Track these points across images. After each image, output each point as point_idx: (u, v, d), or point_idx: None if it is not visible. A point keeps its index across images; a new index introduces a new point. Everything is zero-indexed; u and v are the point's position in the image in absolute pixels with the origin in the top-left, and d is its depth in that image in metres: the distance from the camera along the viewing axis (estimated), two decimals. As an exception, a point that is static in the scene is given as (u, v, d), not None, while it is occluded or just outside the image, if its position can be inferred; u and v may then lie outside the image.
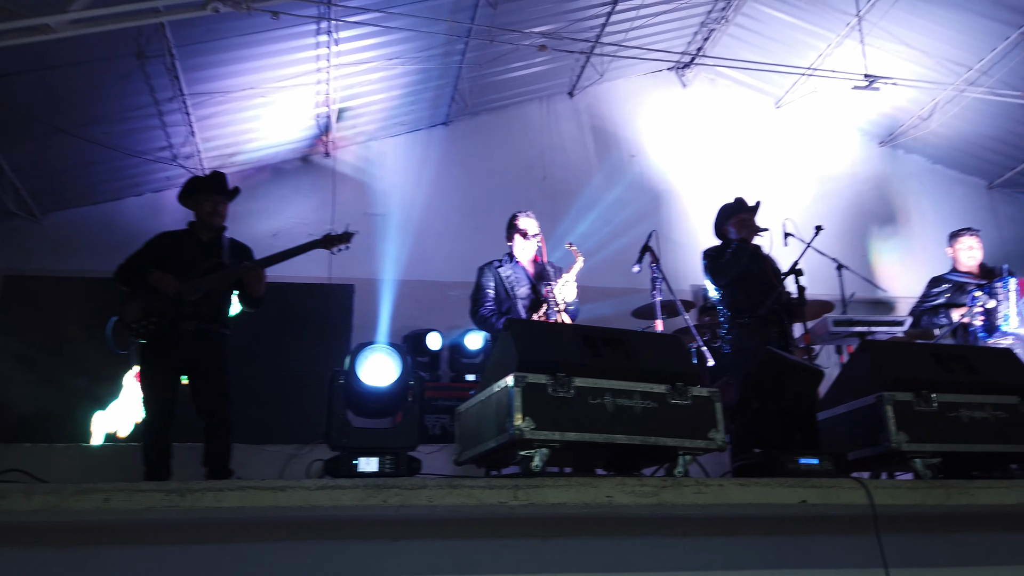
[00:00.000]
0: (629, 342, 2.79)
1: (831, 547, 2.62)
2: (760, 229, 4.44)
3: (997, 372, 3.07)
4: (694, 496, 2.39)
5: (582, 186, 8.16)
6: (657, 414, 2.62)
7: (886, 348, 3.22)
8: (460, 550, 2.45)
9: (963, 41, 7.19)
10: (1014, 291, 4.65)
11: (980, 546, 2.73)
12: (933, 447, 2.78)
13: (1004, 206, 8.86)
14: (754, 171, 8.33)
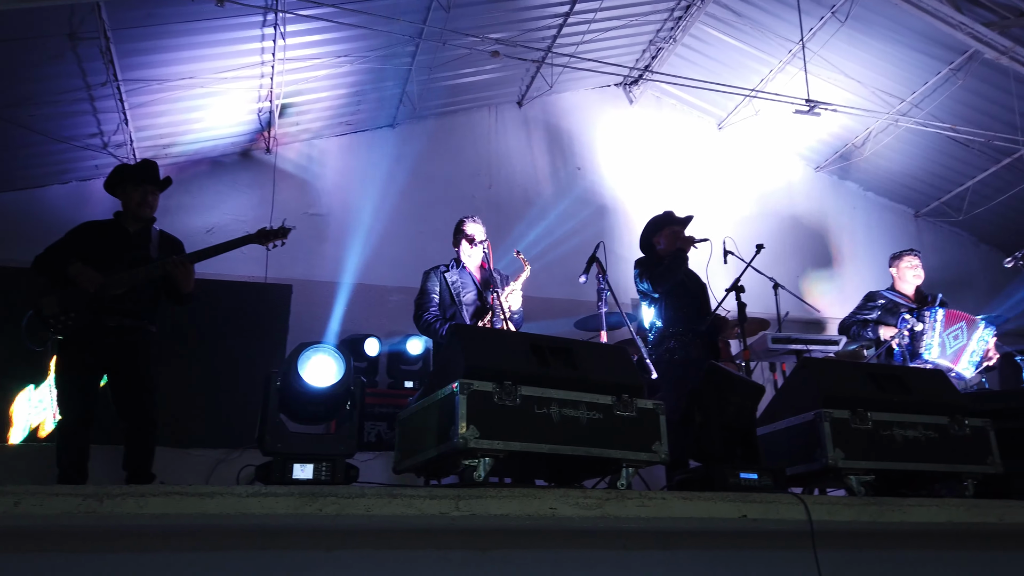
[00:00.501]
0: (576, 352, 2.76)
1: (768, 562, 2.63)
2: (697, 240, 4.48)
3: (929, 392, 3.16)
4: (637, 509, 2.36)
5: (528, 196, 8.17)
6: (602, 425, 2.59)
7: (825, 366, 3.28)
8: (396, 562, 2.36)
9: (897, 74, 7.49)
10: (940, 321, 4.81)
11: (911, 563, 2.79)
12: (868, 464, 2.83)
13: (928, 234, 9.25)
14: (696, 189, 8.49)
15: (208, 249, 3.82)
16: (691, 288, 4.60)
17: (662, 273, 4.44)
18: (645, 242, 4.78)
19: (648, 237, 4.77)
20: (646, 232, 4.79)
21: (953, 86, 7.21)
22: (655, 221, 4.78)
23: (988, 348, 4.83)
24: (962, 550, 2.88)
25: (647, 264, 4.59)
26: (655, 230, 4.74)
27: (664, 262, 4.50)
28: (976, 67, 6.90)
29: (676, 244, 4.57)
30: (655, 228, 4.75)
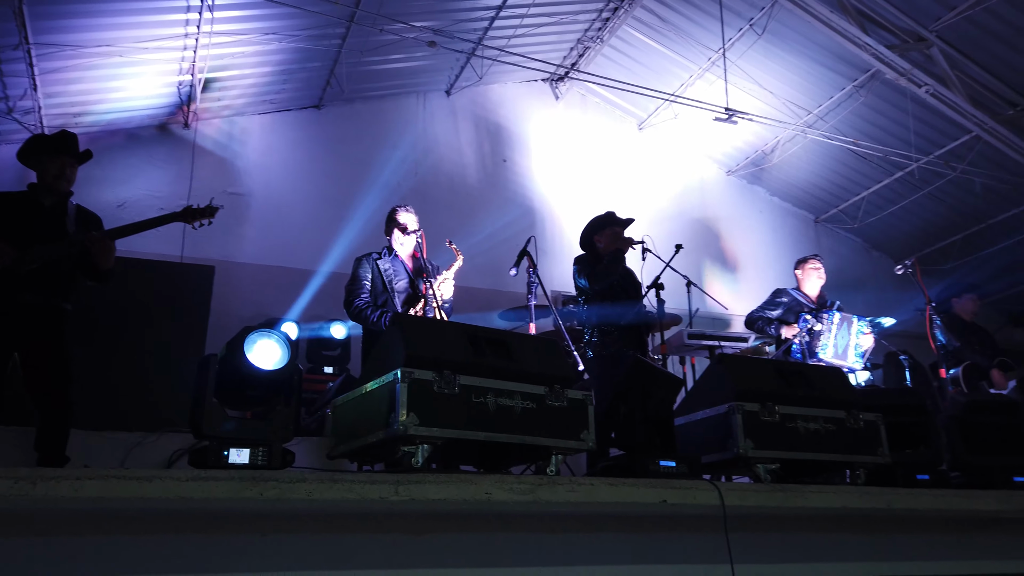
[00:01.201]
0: (512, 344, 2.86)
1: (685, 544, 2.82)
2: (633, 242, 4.67)
3: (829, 388, 3.42)
4: (567, 494, 2.49)
5: (454, 185, 8.21)
6: (535, 414, 2.70)
7: (738, 363, 3.49)
8: (332, 545, 2.41)
9: (806, 87, 7.94)
10: (836, 323, 5.18)
11: (810, 545, 3.05)
12: (774, 454, 3.06)
13: (827, 239, 9.85)
14: (616, 187, 8.75)
15: (129, 226, 3.71)
16: (626, 286, 4.78)
17: (600, 272, 4.60)
18: (586, 240, 4.92)
19: (589, 235, 4.92)
20: (587, 230, 4.93)
21: (856, 102, 7.71)
22: (597, 220, 4.93)
23: (864, 335, 5.22)
24: (854, 532, 3.16)
25: (586, 262, 4.74)
26: (596, 229, 4.88)
27: (603, 261, 4.66)
28: (877, 86, 7.40)
29: (615, 244, 4.74)
30: (597, 227, 4.90)
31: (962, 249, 9.29)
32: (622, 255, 4.61)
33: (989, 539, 3.40)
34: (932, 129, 7.76)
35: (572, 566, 2.70)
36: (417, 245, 4.38)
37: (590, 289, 4.52)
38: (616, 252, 4.58)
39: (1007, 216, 8.62)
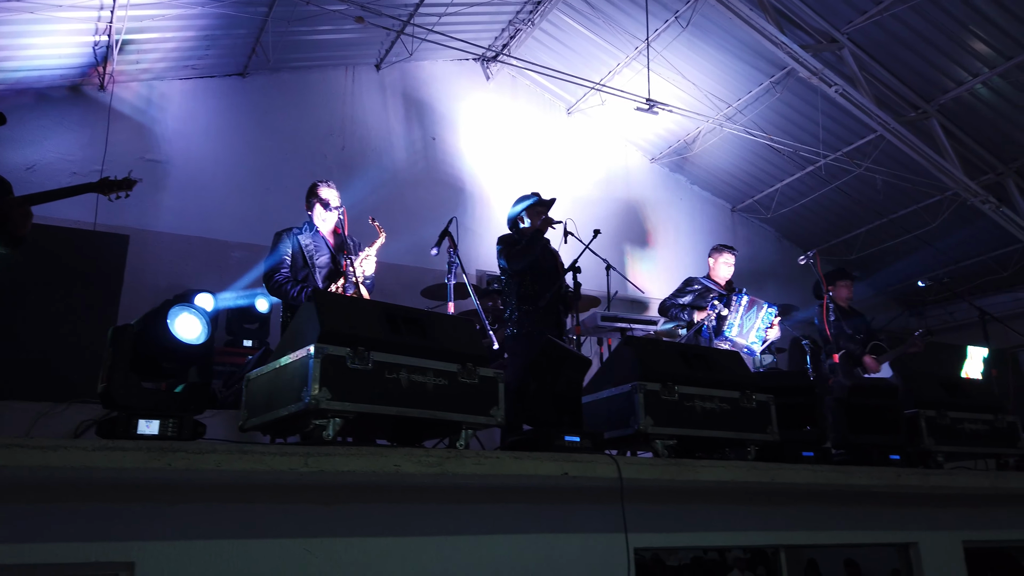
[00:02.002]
0: (427, 322, 2.95)
1: (585, 514, 2.99)
2: (555, 222, 4.80)
3: (727, 371, 3.64)
4: (474, 467, 2.61)
5: (382, 160, 8.18)
6: (447, 391, 2.81)
7: (643, 344, 3.67)
8: (243, 515, 2.46)
9: (727, 81, 8.23)
10: (743, 306, 5.49)
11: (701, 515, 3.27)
12: (672, 431, 3.26)
13: (742, 228, 10.27)
14: (544, 170, 8.89)
15: (44, 193, 3.62)
16: (546, 267, 4.90)
17: (519, 251, 4.72)
18: (511, 219, 5.03)
19: (515, 214, 5.03)
20: (513, 209, 5.05)
21: (772, 98, 8.05)
22: (522, 199, 5.05)
23: (771, 324, 5.55)
24: (742, 504, 3.40)
25: (508, 242, 4.85)
26: (521, 208, 5.00)
27: (522, 241, 4.78)
28: (792, 83, 7.74)
29: (537, 224, 4.86)
30: (521, 207, 5.01)
31: (865, 241, 9.84)
32: (540, 235, 4.73)
33: (863, 511, 3.72)
34: (840, 127, 8.17)
35: (478, 535, 2.84)
36: (339, 221, 4.40)
37: (510, 269, 4.63)
38: (536, 233, 4.70)
39: (907, 212, 9.17)
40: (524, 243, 4.66)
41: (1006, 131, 7.86)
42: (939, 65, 7.37)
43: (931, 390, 4.18)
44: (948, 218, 8.67)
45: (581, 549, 2.95)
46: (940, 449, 4.00)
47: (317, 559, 2.54)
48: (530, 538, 2.91)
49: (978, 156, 8.18)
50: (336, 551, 2.57)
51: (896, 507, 3.76)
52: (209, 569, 2.38)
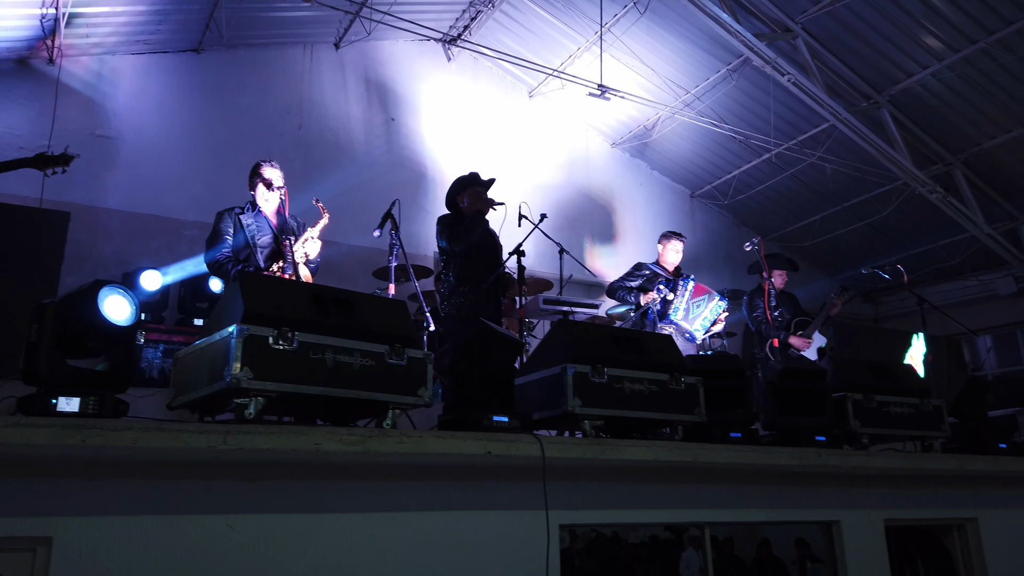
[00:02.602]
0: (357, 304, 2.99)
1: (509, 492, 3.07)
2: (495, 203, 4.82)
3: (658, 354, 3.73)
4: (396, 445, 2.67)
5: (339, 141, 8.14)
6: (374, 372, 2.86)
7: (576, 328, 3.75)
8: (162, 490, 2.50)
9: (685, 67, 8.30)
10: (689, 291, 5.59)
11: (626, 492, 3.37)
12: (600, 412, 3.34)
13: (701, 213, 10.40)
14: (505, 152, 8.91)
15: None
16: (486, 248, 4.94)
17: (459, 233, 4.74)
18: (450, 200, 5.05)
19: (453, 196, 5.04)
20: (451, 191, 5.05)
21: (729, 85, 8.14)
22: (460, 181, 5.06)
23: (718, 318, 5.67)
24: (666, 483, 3.51)
25: (447, 222, 4.87)
26: (459, 189, 5.01)
27: (463, 222, 4.80)
28: (748, 71, 7.83)
29: (477, 205, 4.88)
30: (460, 187, 5.02)
31: (820, 228, 10.02)
32: (481, 217, 4.77)
33: (787, 490, 3.85)
34: (795, 115, 8.30)
35: (403, 512, 2.90)
36: (281, 202, 4.40)
37: (450, 250, 4.67)
38: (475, 214, 4.74)
39: (859, 200, 9.35)
40: (465, 225, 4.69)
41: (954, 123, 8.04)
42: (891, 56, 7.50)
43: (859, 374, 4.32)
44: (898, 207, 8.86)
45: (504, 526, 3.03)
46: (865, 431, 4.14)
47: (240, 535, 2.58)
48: (454, 515, 2.98)
49: (927, 147, 8.37)
50: (259, 527, 2.61)
51: (819, 486, 3.90)
52: (129, 545, 2.42)
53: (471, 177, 4.96)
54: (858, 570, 3.91)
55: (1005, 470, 4.34)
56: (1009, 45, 6.94)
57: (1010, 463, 4.38)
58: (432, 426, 3.65)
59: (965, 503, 4.37)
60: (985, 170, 8.53)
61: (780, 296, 6.43)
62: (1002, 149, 8.10)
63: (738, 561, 6.87)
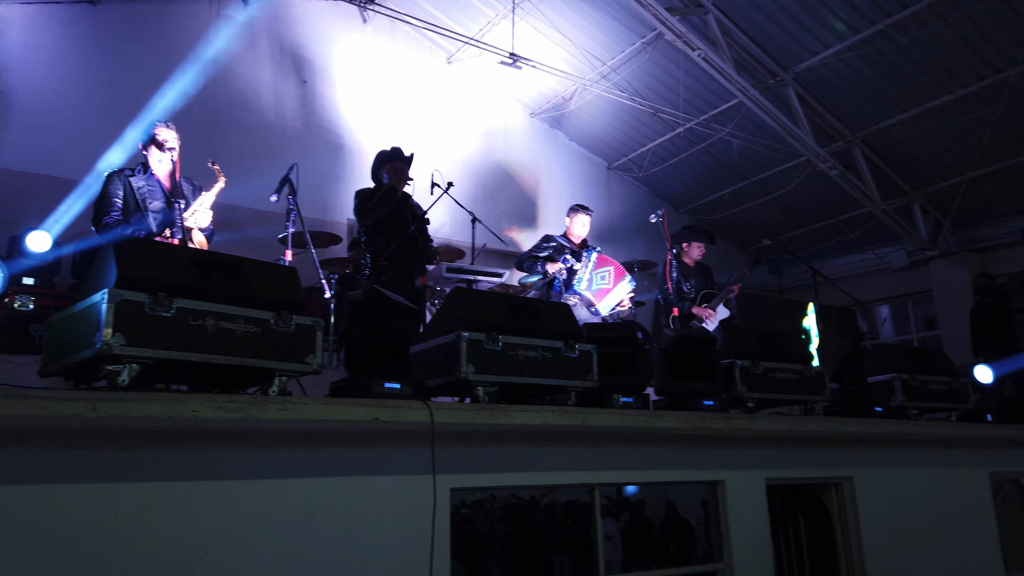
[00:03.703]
0: (242, 269, 2.94)
1: (398, 457, 3.10)
2: (407, 179, 4.83)
3: (553, 322, 3.81)
4: (279, 412, 2.66)
5: (247, 102, 7.89)
6: (259, 338, 2.83)
7: (472, 296, 3.78)
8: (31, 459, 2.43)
9: (601, 39, 8.35)
10: (593, 262, 5.71)
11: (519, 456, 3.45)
12: (493, 378, 3.40)
13: (617, 185, 10.57)
14: (422, 119, 8.82)
15: None
16: (401, 222, 4.93)
17: (370, 207, 4.73)
18: (373, 174, 5.05)
19: (375, 170, 5.04)
20: (374, 164, 5.06)
21: (643, 58, 8.25)
22: (382, 155, 5.06)
23: (623, 299, 5.81)
24: (559, 446, 3.61)
25: (362, 196, 4.85)
26: (381, 163, 5.01)
27: (375, 197, 4.78)
28: (662, 45, 7.95)
29: (394, 179, 4.87)
30: (381, 162, 5.02)
31: (730, 202, 10.34)
32: (393, 192, 4.76)
33: (675, 452, 4.02)
34: (706, 90, 8.49)
35: (288, 478, 2.90)
36: (173, 164, 4.25)
37: (360, 223, 4.66)
38: (389, 189, 4.73)
39: (766, 175, 9.68)
40: (376, 199, 4.68)
41: (854, 102, 8.38)
42: (796, 36, 7.74)
43: (747, 342, 4.52)
44: (802, 182, 9.21)
45: (392, 491, 3.07)
46: (751, 395, 4.35)
47: (115, 504, 2.54)
48: (343, 480, 2.99)
49: (829, 125, 8.71)
50: (136, 496, 2.57)
51: (705, 448, 4.08)
52: (-6, 515, 2.35)
53: (392, 152, 4.95)
54: (740, 527, 4.13)
55: (879, 432, 4.63)
56: (906, 28, 7.25)
57: (884, 425, 4.68)
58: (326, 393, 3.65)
59: (842, 463, 4.65)
60: (882, 148, 8.94)
61: (694, 268, 6.63)
62: (897, 128, 8.50)
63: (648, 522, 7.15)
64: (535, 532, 6.61)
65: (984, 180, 8.77)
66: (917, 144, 8.74)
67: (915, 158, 8.96)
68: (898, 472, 4.90)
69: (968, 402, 5.42)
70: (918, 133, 8.52)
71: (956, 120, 8.07)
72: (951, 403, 5.31)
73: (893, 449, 4.90)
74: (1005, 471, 5.80)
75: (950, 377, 5.41)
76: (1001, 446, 5.71)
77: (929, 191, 9.34)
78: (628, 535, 6.79)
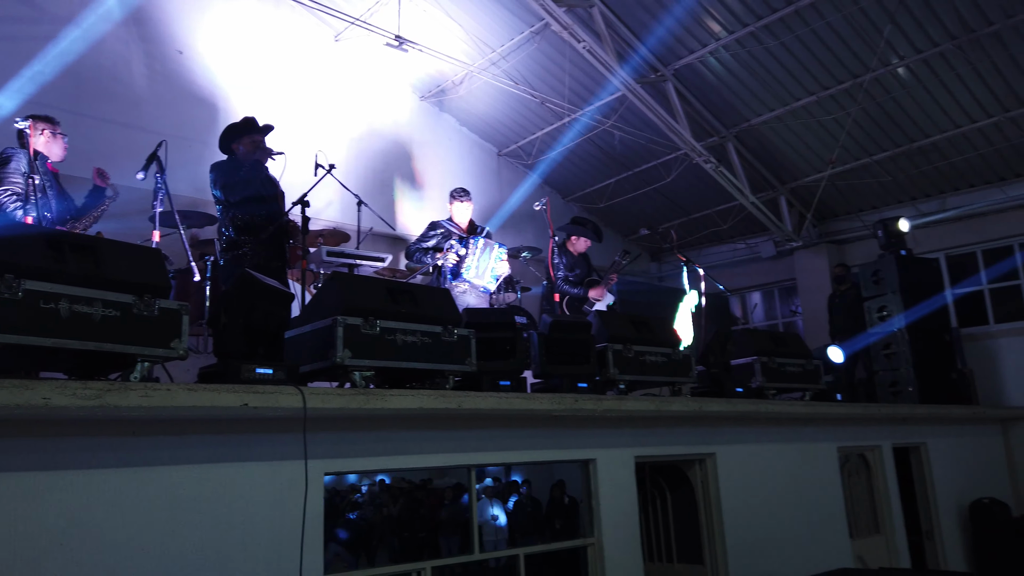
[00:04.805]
0: (102, 251, 2.82)
1: (270, 443, 3.07)
2: (274, 153, 4.69)
3: (432, 307, 3.85)
4: (140, 399, 2.57)
5: (117, 73, 7.42)
6: (119, 323, 2.73)
7: (349, 281, 3.77)
8: None
9: (491, 26, 8.39)
10: (479, 249, 5.77)
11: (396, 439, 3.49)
12: (370, 363, 3.41)
13: (507, 171, 10.68)
14: (307, 96, 8.57)
15: None
16: (266, 198, 4.80)
17: (236, 183, 4.57)
18: (224, 146, 4.83)
19: (227, 142, 4.83)
20: (224, 137, 4.84)
21: (532, 47, 8.36)
22: (235, 127, 4.86)
23: (500, 261, 5.91)
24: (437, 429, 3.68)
25: (222, 170, 4.67)
26: (234, 136, 4.81)
27: (240, 171, 4.62)
28: (550, 35, 8.06)
29: (255, 154, 4.71)
30: (234, 134, 4.82)
31: (614, 191, 10.66)
32: (261, 166, 4.63)
33: (550, 432, 4.17)
34: (592, 82, 8.70)
35: (153, 466, 2.82)
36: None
37: (225, 199, 4.51)
38: (255, 163, 4.59)
39: (647, 167, 10.05)
40: (242, 174, 4.54)
41: (728, 99, 8.82)
42: (676, 33, 8.05)
43: (620, 327, 4.72)
44: (680, 175, 9.63)
45: (265, 477, 3.05)
46: (623, 378, 4.56)
47: (-46, 498, 2.40)
48: (210, 468, 2.94)
49: (705, 120, 9.13)
50: (-21, 489, 2.44)
51: (578, 428, 4.26)
52: None
53: (245, 123, 4.78)
54: (611, 501, 4.34)
55: (738, 411, 4.97)
56: (774, 31, 7.70)
57: (743, 405, 5.02)
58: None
59: (705, 440, 4.97)
60: (753, 144, 9.47)
61: (578, 258, 6.83)
62: (766, 125, 9.02)
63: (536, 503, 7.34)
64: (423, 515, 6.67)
65: (841, 177, 9.46)
66: (783, 141, 9.31)
67: (781, 154, 9.54)
68: (756, 448, 5.28)
69: (820, 383, 5.89)
70: (784, 131, 9.08)
71: (817, 120, 8.65)
72: (805, 384, 5.76)
73: (752, 427, 5.27)
74: (852, 446, 6.36)
75: (805, 360, 5.86)
76: (848, 423, 6.25)
77: (794, 186, 9.98)
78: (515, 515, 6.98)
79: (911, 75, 7.95)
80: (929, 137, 8.65)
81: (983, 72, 7.67)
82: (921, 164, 9.05)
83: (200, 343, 5.47)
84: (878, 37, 7.43)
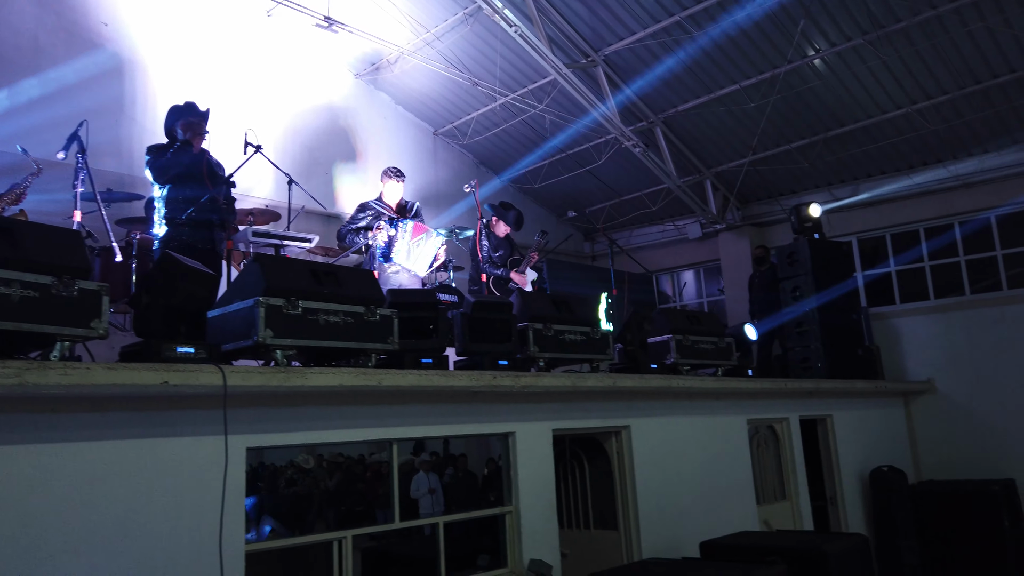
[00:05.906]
0: (20, 232, 2.87)
1: (191, 419, 3.18)
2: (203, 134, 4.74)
3: (356, 287, 3.98)
4: (59, 378, 2.65)
5: (40, 44, 7.21)
6: (38, 303, 2.79)
7: (273, 262, 3.87)
8: None
9: (425, 6, 8.43)
10: (408, 232, 5.87)
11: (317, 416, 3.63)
12: (291, 342, 3.53)
13: (443, 151, 10.76)
14: (238, 72, 8.48)
15: None
16: (199, 179, 4.82)
17: (163, 165, 4.60)
18: (168, 130, 4.87)
19: (169, 125, 4.87)
20: (168, 119, 4.88)
21: (465, 29, 8.44)
22: (175, 110, 4.90)
23: (438, 252, 6.06)
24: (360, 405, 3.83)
25: (154, 152, 4.69)
26: (175, 118, 4.85)
27: (167, 153, 4.66)
28: (483, 17, 8.15)
29: (190, 135, 4.75)
30: (175, 116, 4.86)
31: (547, 173, 10.87)
32: (190, 147, 4.67)
33: (471, 408, 4.37)
34: (525, 65, 8.84)
35: (73, 442, 2.91)
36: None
37: (154, 181, 4.54)
38: (182, 144, 4.63)
39: (579, 150, 10.28)
40: (170, 155, 4.57)
41: (656, 85, 9.08)
42: (606, 20, 8.25)
43: (541, 306, 4.94)
44: (611, 158, 9.89)
45: (185, 452, 3.16)
46: (543, 355, 4.78)
47: None
48: (131, 443, 3.04)
49: (635, 105, 9.38)
50: None
51: (497, 403, 4.47)
52: None
53: (187, 107, 4.81)
54: (529, 471, 4.58)
55: (651, 386, 5.26)
56: (698, 21, 7.96)
57: (655, 380, 5.32)
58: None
59: (620, 414, 5.25)
60: (679, 130, 9.78)
61: (503, 240, 7.02)
62: (693, 112, 9.33)
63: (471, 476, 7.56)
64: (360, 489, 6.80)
65: (762, 163, 9.87)
66: (709, 127, 9.64)
67: (707, 140, 9.89)
68: (669, 420, 5.60)
69: (731, 359, 6.24)
70: (709, 117, 9.41)
71: (740, 108, 9.00)
72: (717, 360, 6.10)
73: (665, 401, 5.58)
74: (761, 418, 6.76)
75: (718, 337, 6.20)
76: (758, 396, 6.64)
77: (719, 170, 10.35)
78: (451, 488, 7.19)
79: (826, 67, 8.34)
80: (843, 126, 9.10)
81: (892, 66, 8.11)
82: (837, 151, 9.51)
83: (126, 321, 5.47)
84: (795, 30, 7.77)
